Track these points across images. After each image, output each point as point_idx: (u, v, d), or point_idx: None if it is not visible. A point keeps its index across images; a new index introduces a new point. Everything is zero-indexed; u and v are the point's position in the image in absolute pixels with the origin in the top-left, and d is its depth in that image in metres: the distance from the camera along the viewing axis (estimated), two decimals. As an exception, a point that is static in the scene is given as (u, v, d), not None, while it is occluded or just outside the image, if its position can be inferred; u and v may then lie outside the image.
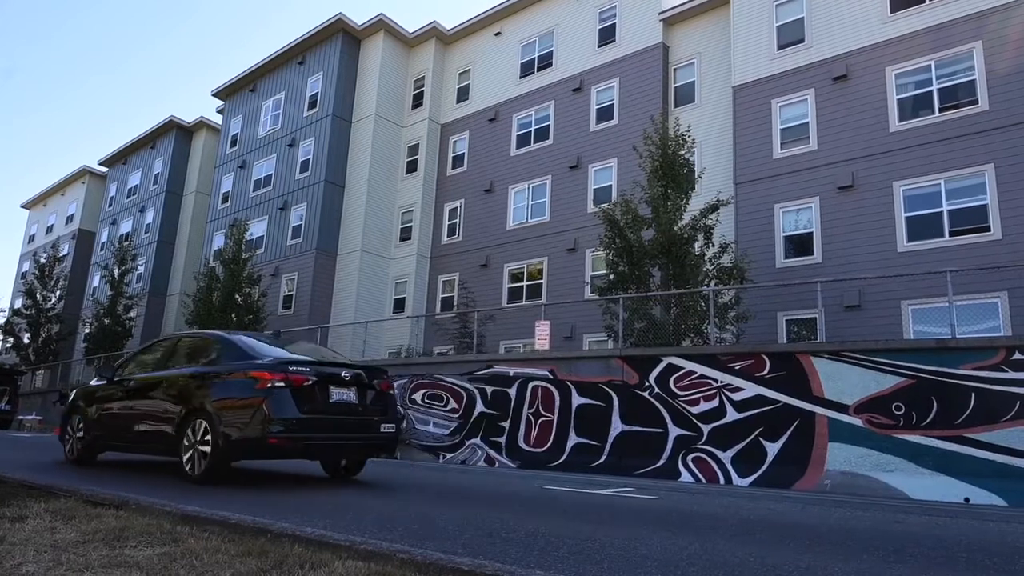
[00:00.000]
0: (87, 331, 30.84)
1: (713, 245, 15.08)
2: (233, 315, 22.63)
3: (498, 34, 25.46)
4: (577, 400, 12.81)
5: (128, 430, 7.51)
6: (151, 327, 31.12)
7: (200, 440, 6.42)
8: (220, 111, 33.19)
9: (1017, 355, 9.28)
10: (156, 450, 7.24)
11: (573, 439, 12.59)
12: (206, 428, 6.39)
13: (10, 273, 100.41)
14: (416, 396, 15.21)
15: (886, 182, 15.82)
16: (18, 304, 36.69)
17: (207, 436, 6.36)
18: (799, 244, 16.85)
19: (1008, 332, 13.10)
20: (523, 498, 6.51)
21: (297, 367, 6.48)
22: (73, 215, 41.23)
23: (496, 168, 24.22)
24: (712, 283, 14.76)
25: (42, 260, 36.37)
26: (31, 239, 45.29)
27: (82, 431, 8.12)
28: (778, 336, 16.12)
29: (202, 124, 34.59)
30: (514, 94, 24.44)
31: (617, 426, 12.17)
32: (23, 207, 47.14)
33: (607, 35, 22.36)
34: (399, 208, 26.19)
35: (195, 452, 6.43)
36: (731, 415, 11.12)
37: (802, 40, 17.91)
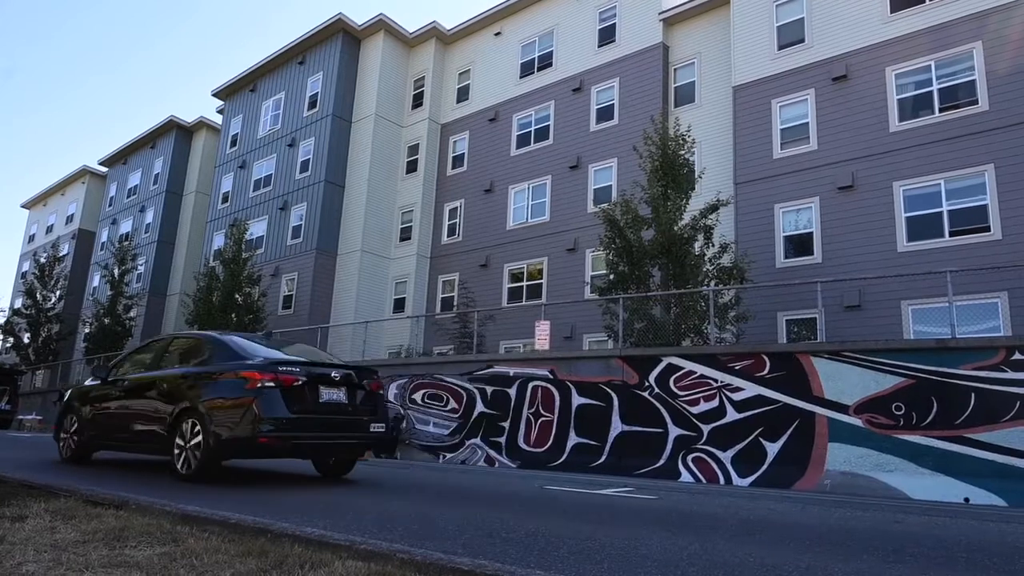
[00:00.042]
0: (87, 331, 30.85)
1: (713, 245, 15.09)
2: (233, 315, 22.63)
3: (498, 34, 25.46)
4: (577, 400, 12.81)
5: (121, 429, 7.57)
6: (151, 327, 31.11)
7: (192, 439, 6.47)
8: (220, 111, 33.19)
9: (1017, 355, 9.29)
10: (149, 449, 7.30)
11: (573, 439, 12.59)
12: (197, 427, 6.44)
13: (10, 273, 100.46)
14: (416, 396, 15.21)
15: (886, 182, 15.82)
16: (18, 304, 36.70)
17: (198, 435, 6.41)
18: (799, 244, 16.86)
19: (1008, 332, 13.10)
20: (523, 498, 6.51)
21: (287, 367, 6.54)
22: (73, 215, 41.24)
23: (496, 168, 24.22)
24: (712, 283, 14.76)
25: (42, 260, 36.38)
26: (31, 239, 45.30)
27: (76, 431, 8.19)
28: (778, 336, 16.13)
29: (202, 124, 34.60)
30: (514, 94, 24.44)
31: (617, 426, 12.17)
32: (23, 207, 47.17)
33: (607, 35, 22.36)
34: (399, 208, 26.20)
35: (186, 451, 6.49)
36: (731, 415, 11.12)
37: (802, 40, 17.92)
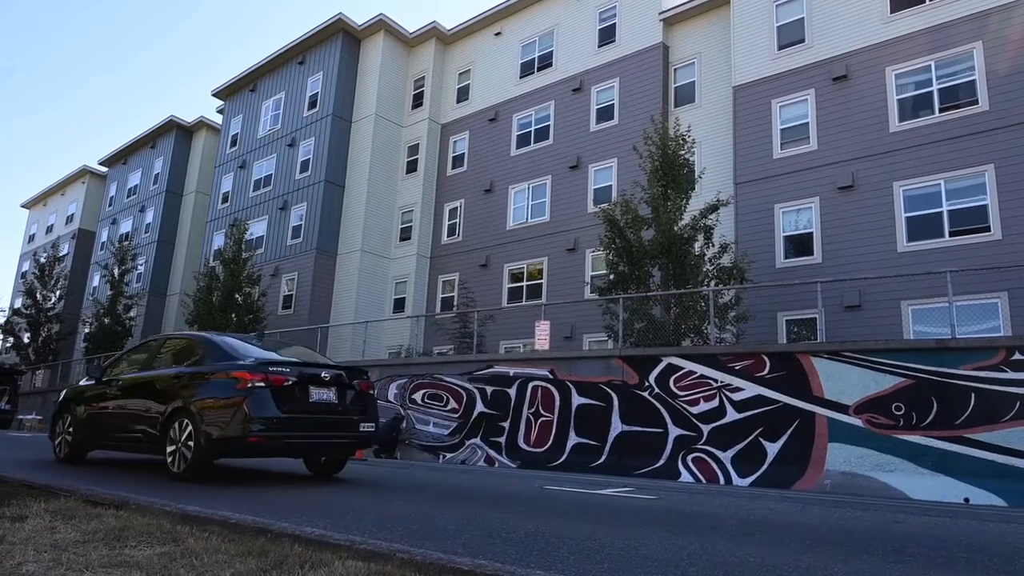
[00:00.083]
0: (87, 331, 30.85)
1: (713, 245, 15.09)
2: (233, 315, 22.63)
3: (498, 34, 25.46)
4: (577, 400, 12.81)
5: (115, 429, 7.66)
6: (151, 327, 31.10)
7: (183, 438, 6.54)
8: (220, 111, 33.19)
9: (1017, 355, 9.29)
10: (142, 448, 7.37)
11: (573, 439, 12.59)
12: (189, 427, 6.51)
13: (10, 273, 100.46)
14: (416, 396, 15.21)
15: (886, 182, 15.82)
16: (18, 304, 36.71)
17: (190, 435, 6.48)
18: (799, 244, 16.86)
19: (1008, 332, 13.11)
20: (523, 498, 6.51)
21: (277, 368, 6.61)
22: (73, 215, 41.24)
23: (496, 168, 24.22)
24: (712, 283, 14.76)
25: (42, 260, 36.39)
26: (31, 239, 45.30)
27: (71, 430, 8.28)
28: (778, 336, 16.13)
29: (202, 124, 34.60)
30: (514, 94, 24.44)
31: (617, 426, 12.17)
32: (23, 207, 47.18)
33: (607, 35, 22.36)
34: (399, 208, 26.20)
35: (179, 450, 6.55)
36: (731, 415, 11.12)
37: (802, 40, 17.92)
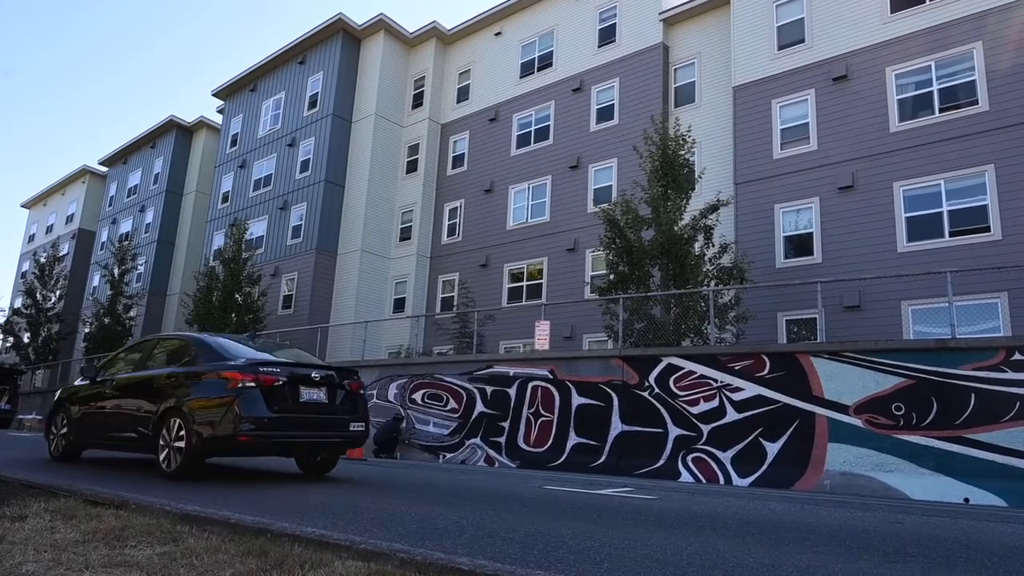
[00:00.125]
0: (87, 331, 30.85)
1: (713, 245, 15.09)
2: (233, 315, 22.63)
3: (498, 34, 25.46)
4: (577, 400, 12.81)
5: (109, 428, 7.76)
6: (151, 327, 31.10)
7: (175, 438, 6.62)
8: (220, 111, 33.19)
9: (1017, 355, 9.29)
10: (135, 447, 7.44)
11: (573, 439, 12.59)
12: (181, 426, 6.60)
13: (10, 272, 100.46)
14: (416, 396, 15.21)
15: (886, 182, 15.82)
16: (18, 303, 36.71)
17: (182, 434, 6.57)
18: (799, 244, 16.86)
19: (1008, 332, 13.11)
20: (523, 498, 6.51)
21: (267, 368, 6.69)
22: (73, 215, 41.24)
23: (496, 168, 24.22)
24: (712, 283, 14.76)
25: (42, 260, 36.40)
26: (31, 238, 45.30)
27: (66, 429, 8.39)
28: (778, 336, 16.13)
29: (202, 124, 34.60)
30: (514, 94, 24.44)
31: (617, 426, 12.17)
32: (23, 206, 47.17)
33: (607, 35, 22.36)
34: (399, 208, 26.19)
35: (170, 449, 6.64)
36: (731, 415, 11.12)
37: (802, 40, 17.92)
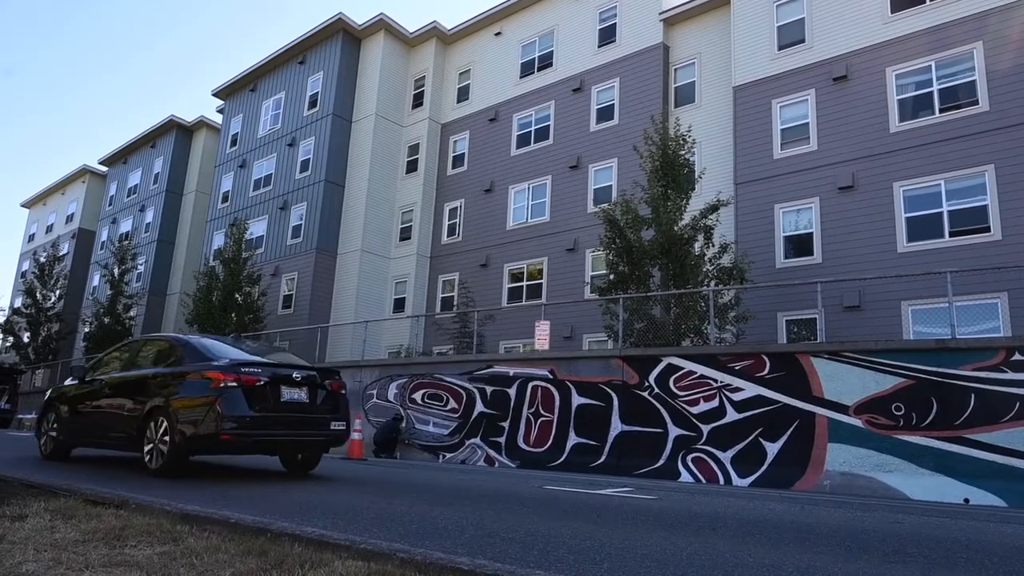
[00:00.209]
0: (87, 330, 30.84)
1: (713, 245, 15.08)
2: (233, 314, 22.63)
3: (498, 34, 25.46)
4: (577, 400, 12.81)
5: (96, 427, 7.95)
6: (151, 326, 31.11)
7: (160, 436, 6.79)
8: (220, 111, 33.19)
9: (1017, 356, 9.28)
10: (122, 445, 7.60)
11: (573, 439, 12.58)
12: (165, 425, 6.76)
13: (10, 272, 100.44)
14: (416, 396, 15.21)
15: (886, 183, 15.82)
16: (18, 303, 36.71)
17: (166, 432, 6.73)
18: (799, 244, 16.85)
19: (1008, 333, 13.11)
20: (523, 498, 6.51)
21: (249, 368, 6.86)
22: (73, 214, 41.24)
23: (496, 168, 24.22)
24: (712, 283, 14.75)
25: (42, 259, 36.40)
26: (31, 238, 45.30)
27: (56, 428, 8.55)
28: (778, 336, 16.12)
29: (202, 124, 34.59)
30: (514, 94, 24.44)
31: (617, 426, 12.16)
32: (23, 206, 47.17)
33: (607, 35, 22.36)
34: (399, 208, 26.19)
35: (155, 447, 6.81)
36: (731, 415, 11.11)
37: (802, 40, 17.92)
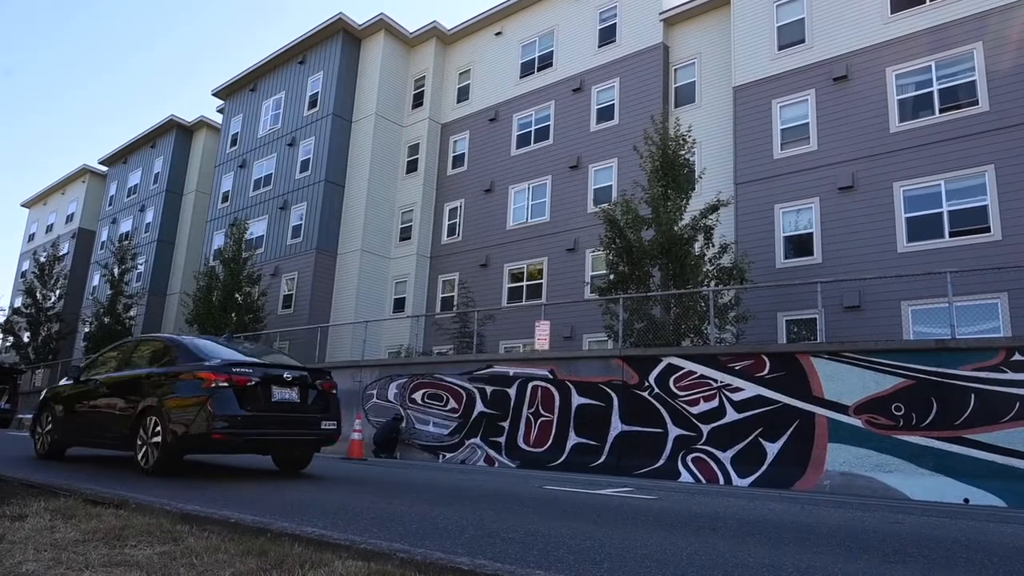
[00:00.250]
0: (87, 330, 30.84)
1: (713, 245, 15.08)
2: (233, 314, 22.63)
3: (499, 34, 25.46)
4: (577, 400, 12.80)
5: (90, 426, 8.02)
6: (151, 326, 31.11)
7: (152, 435, 6.86)
8: (220, 111, 33.19)
9: (1017, 356, 9.28)
10: (115, 445, 7.64)
11: (573, 439, 12.58)
12: (157, 424, 6.83)
13: (10, 272, 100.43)
14: (416, 396, 15.21)
15: (886, 183, 15.82)
16: (18, 303, 36.70)
17: (158, 431, 6.80)
18: (799, 244, 16.85)
19: (1008, 333, 13.12)
20: (523, 498, 6.51)
21: (241, 368, 6.93)
22: (73, 214, 41.23)
23: (496, 168, 24.22)
24: (712, 283, 14.75)
25: (42, 259, 36.39)
26: (31, 238, 45.29)
27: (51, 428, 8.62)
28: (778, 336, 16.12)
29: (202, 123, 34.59)
30: (514, 94, 24.44)
31: (617, 426, 12.16)
32: (23, 206, 47.16)
33: (607, 35, 22.36)
34: (399, 208, 26.19)
35: (147, 447, 6.88)
36: (731, 415, 11.11)
37: (802, 40, 17.92)
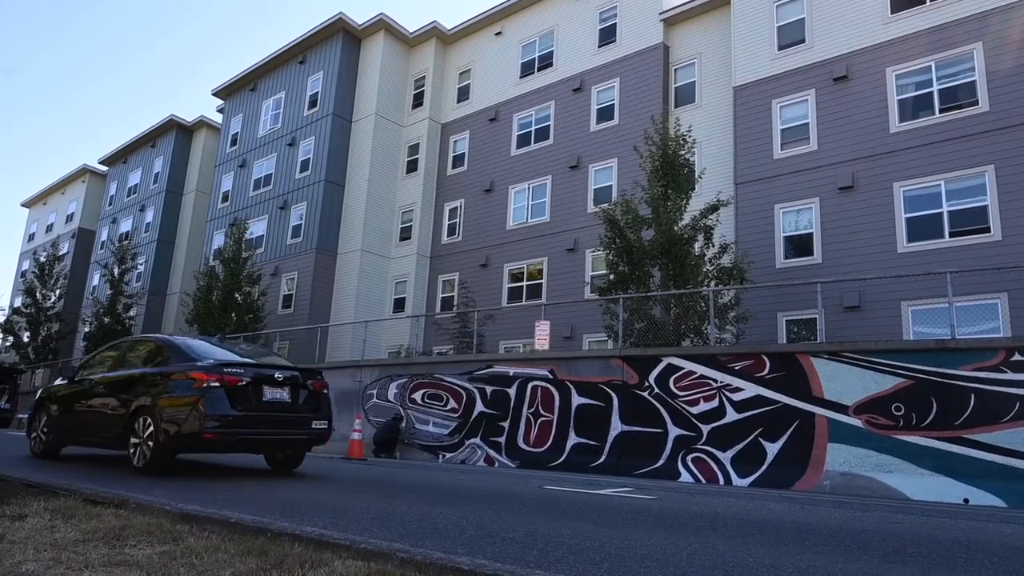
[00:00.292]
0: (87, 330, 30.84)
1: (713, 245, 15.08)
2: (233, 314, 22.62)
3: (499, 34, 25.45)
4: (577, 400, 12.80)
5: (84, 426, 8.10)
6: (151, 326, 31.10)
7: (145, 435, 6.92)
8: (220, 110, 33.18)
9: (1017, 356, 9.28)
10: (109, 444, 7.71)
11: (573, 439, 12.58)
12: (150, 424, 6.89)
13: (10, 272, 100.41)
14: (416, 396, 15.21)
15: (886, 183, 15.82)
16: (18, 303, 36.69)
17: (151, 431, 6.86)
18: (799, 245, 16.85)
19: (1008, 333, 13.11)
20: (523, 498, 6.51)
21: (232, 368, 7.00)
22: (73, 214, 41.23)
23: (496, 168, 24.21)
24: (712, 283, 14.75)
25: (42, 259, 36.37)
26: (31, 238, 45.29)
27: (46, 428, 8.70)
28: (778, 336, 16.12)
29: (202, 123, 34.59)
30: (514, 94, 24.44)
31: (617, 426, 12.16)
32: (23, 205, 47.16)
33: (607, 35, 22.36)
34: (399, 208, 26.19)
35: (140, 446, 6.95)
36: (731, 415, 11.11)
37: (803, 40, 17.91)
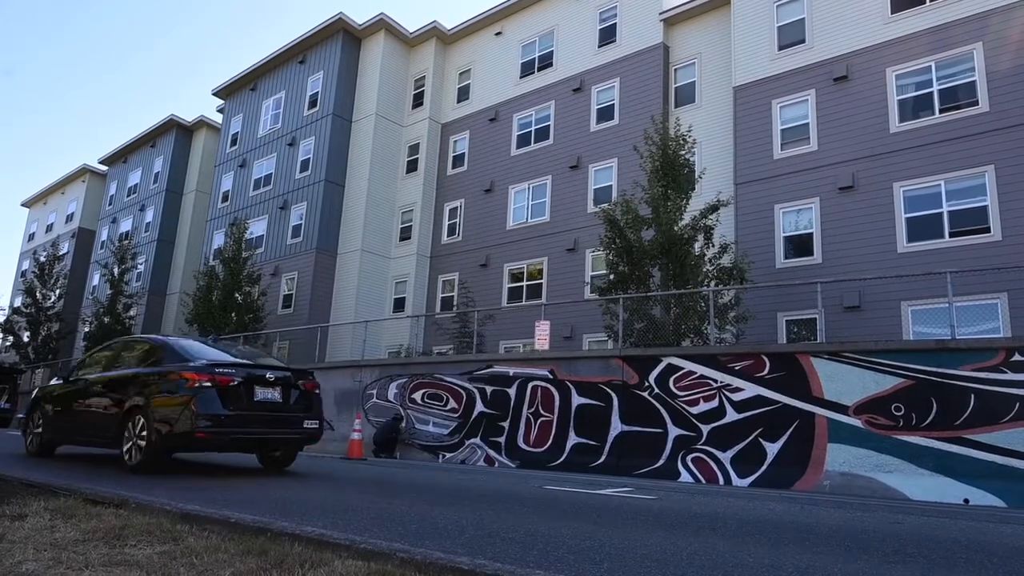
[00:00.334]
0: (87, 330, 30.84)
1: (713, 245, 15.08)
2: (233, 314, 22.62)
3: (499, 34, 25.45)
4: (577, 400, 12.80)
5: (79, 425, 8.20)
6: (151, 326, 31.11)
7: (138, 434, 7.02)
8: (220, 110, 33.18)
9: (1017, 356, 9.28)
10: (102, 443, 7.80)
11: (573, 439, 12.58)
12: (143, 423, 6.98)
13: (10, 271, 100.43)
14: (416, 396, 15.21)
15: (886, 183, 15.82)
16: (18, 302, 36.70)
17: (144, 430, 6.95)
18: (799, 245, 16.85)
19: (1008, 333, 13.12)
20: (523, 498, 6.51)
21: (224, 369, 7.10)
22: (73, 214, 41.23)
23: (496, 168, 24.22)
24: (712, 283, 14.75)
25: (42, 258, 36.38)
26: (31, 237, 45.29)
27: (41, 427, 8.81)
28: (778, 336, 16.12)
29: (202, 123, 34.59)
30: (514, 94, 24.44)
31: (617, 426, 12.16)
32: (23, 205, 47.17)
33: (607, 35, 22.36)
34: (399, 208, 26.19)
35: (133, 445, 7.05)
36: (731, 415, 11.11)
37: (803, 41, 17.91)
